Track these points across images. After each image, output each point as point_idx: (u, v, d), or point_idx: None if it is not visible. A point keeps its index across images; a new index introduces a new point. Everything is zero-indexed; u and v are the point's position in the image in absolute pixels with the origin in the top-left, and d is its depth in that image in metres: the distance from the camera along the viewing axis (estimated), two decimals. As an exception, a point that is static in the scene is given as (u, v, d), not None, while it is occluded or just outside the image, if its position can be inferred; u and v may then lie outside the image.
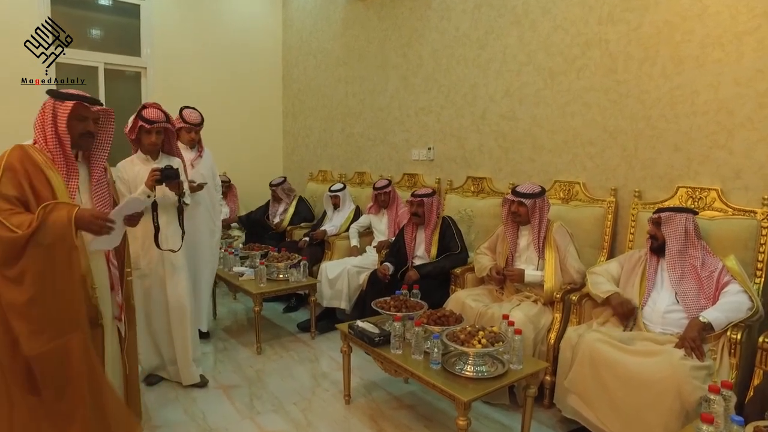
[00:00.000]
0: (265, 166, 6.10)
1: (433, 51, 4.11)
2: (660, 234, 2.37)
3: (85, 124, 1.85)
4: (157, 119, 2.63)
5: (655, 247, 2.40)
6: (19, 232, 1.59)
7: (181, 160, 2.83)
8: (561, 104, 3.23)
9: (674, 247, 2.30)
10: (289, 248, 4.05)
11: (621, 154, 2.95)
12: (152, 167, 2.51)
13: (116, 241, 1.91)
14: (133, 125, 2.66)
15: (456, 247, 3.26)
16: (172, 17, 5.40)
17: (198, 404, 2.62)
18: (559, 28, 3.20)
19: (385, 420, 2.49)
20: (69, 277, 1.68)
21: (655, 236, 2.39)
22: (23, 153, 1.75)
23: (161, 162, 2.68)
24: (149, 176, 2.48)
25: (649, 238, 2.43)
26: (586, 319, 2.55)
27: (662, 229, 2.35)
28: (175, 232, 2.65)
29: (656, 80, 2.74)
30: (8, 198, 1.66)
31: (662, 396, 1.88)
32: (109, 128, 1.98)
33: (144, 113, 2.63)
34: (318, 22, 5.54)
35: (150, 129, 2.62)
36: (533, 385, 2.16)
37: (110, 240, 1.84)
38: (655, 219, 2.40)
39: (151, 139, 2.64)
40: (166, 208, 2.63)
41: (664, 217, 2.36)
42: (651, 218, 2.44)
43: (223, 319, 4.02)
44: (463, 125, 3.91)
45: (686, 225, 2.29)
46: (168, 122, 2.68)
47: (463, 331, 2.12)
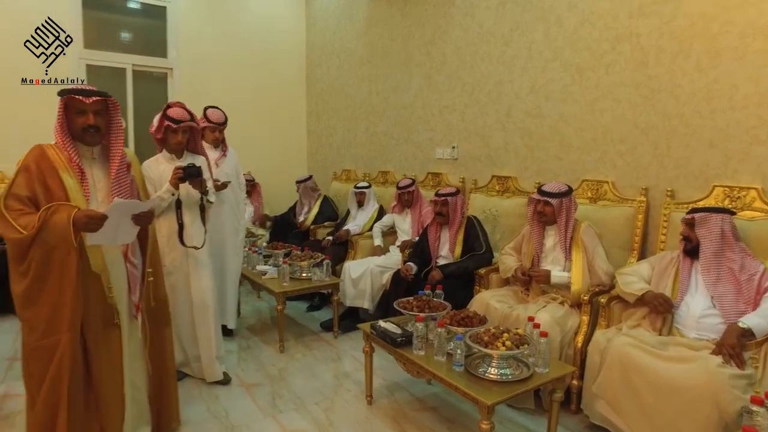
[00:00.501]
0: (290, 166, 6.14)
1: (457, 48, 4.06)
2: (694, 235, 2.27)
3: (84, 117, 1.80)
4: (182, 118, 2.66)
5: (689, 249, 2.29)
6: (25, 233, 1.64)
7: (205, 158, 2.85)
8: (589, 101, 3.14)
9: (709, 249, 2.20)
10: (313, 247, 4.06)
11: (653, 151, 2.84)
12: (175, 166, 2.55)
13: (126, 238, 1.88)
14: (159, 125, 2.70)
15: (480, 247, 3.20)
16: (197, 19, 5.48)
17: (221, 402, 2.64)
18: (587, 23, 3.11)
19: (407, 421, 2.46)
20: (63, 278, 1.70)
21: (689, 238, 2.29)
22: (40, 153, 1.78)
23: (186, 160, 2.71)
24: (172, 174, 2.52)
25: (683, 240, 2.33)
26: (615, 323, 2.47)
27: (696, 231, 2.25)
28: (199, 230, 2.67)
29: (690, 74, 2.64)
30: (20, 198, 1.71)
31: (698, 404, 1.79)
32: (116, 118, 1.89)
33: (169, 113, 2.67)
34: (341, 21, 5.54)
35: (177, 128, 2.66)
36: (559, 390, 2.10)
37: (112, 237, 1.81)
38: (689, 220, 2.30)
39: (177, 138, 2.68)
40: (190, 206, 2.66)
41: (699, 217, 2.25)
42: (684, 219, 2.34)
43: (247, 318, 4.04)
44: (488, 123, 3.84)
45: (722, 226, 2.19)
46: (193, 121, 2.71)
47: (487, 332, 2.07)
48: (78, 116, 1.80)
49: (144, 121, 5.33)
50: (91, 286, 1.80)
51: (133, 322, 2.01)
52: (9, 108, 4.49)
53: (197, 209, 2.66)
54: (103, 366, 1.84)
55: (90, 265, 1.79)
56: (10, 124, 4.47)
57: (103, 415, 1.85)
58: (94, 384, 1.82)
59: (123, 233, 1.84)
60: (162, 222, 2.63)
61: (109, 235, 1.77)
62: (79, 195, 1.78)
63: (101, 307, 1.83)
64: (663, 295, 2.24)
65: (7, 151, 4.32)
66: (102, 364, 1.84)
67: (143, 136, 5.24)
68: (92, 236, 1.73)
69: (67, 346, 1.71)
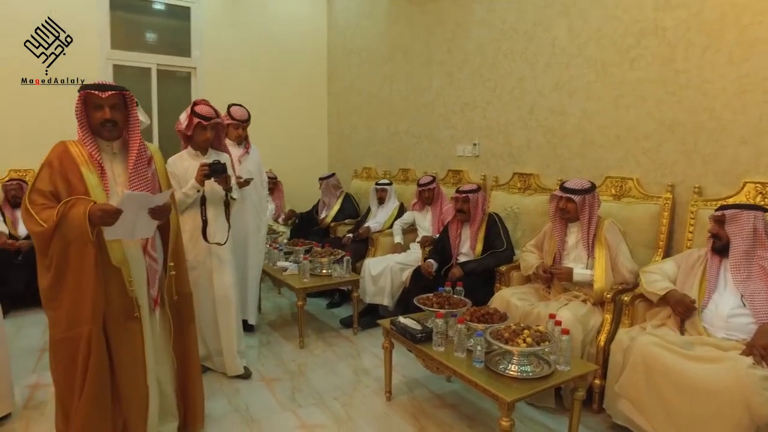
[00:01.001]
0: (310, 164, 6.18)
1: (479, 45, 4.03)
2: (723, 233, 2.20)
3: (101, 112, 1.82)
4: (210, 115, 2.69)
5: (718, 247, 2.22)
6: (45, 226, 1.68)
7: (228, 156, 2.88)
8: (613, 97, 3.08)
9: (740, 247, 2.13)
10: (333, 244, 4.08)
11: (680, 148, 2.78)
12: (201, 162, 2.58)
13: (146, 232, 1.88)
14: (189, 122, 2.72)
15: (502, 244, 3.18)
16: (220, 19, 5.55)
17: (241, 396, 2.67)
18: (612, 17, 3.06)
19: (426, 418, 2.45)
20: (82, 272, 1.74)
21: (718, 235, 2.22)
22: (63, 149, 1.82)
23: (210, 157, 2.74)
24: (198, 171, 2.55)
25: (711, 237, 2.26)
26: (639, 321, 2.42)
27: (726, 228, 2.19)
28: (222, 226, 2.71)
29: (721, 68, 2.57)
30: (44, 193, 1.76)
31: (727, 407, 1.74)
32: (133, 112, 1.90)
33: (197, 110, 2.69)
34: (362, 20, 5.55)
35: (206, 126, 2.69)
36: (581, 388, 2.06)
37: (131, 231, 1.82)
38: (718, 217, 2.23)
39: (206, 135, 2.71)
40: (214, 202, 2.69)
41: (729, 214, 2.18)
42: (713, 216, 2.27)
43: (267, 313, 4.08)
44: (510, 120, 3.81)
45: (755, 224, 2.12)
46: (218, 118, 2.74)
47: (508, 329, 2.05)
48: (95, 111, 1.83)
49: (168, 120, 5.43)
50: (112, 280, 1.82)
51: (153, 316, 2.02)
52: (9, 108, 4.53)
53: (221, 206, 2.69)
54: (125, 359, 1.87)
55: (110, 258, 1.81)
56: (11, 124, 4.53)
57: (126, 407, 1.88)
58: (116, 377, 1.85)
59: (142, 227, 1.84)
60: (186, 218, 2.67)
61: (128, 229, 1.79)
62: (99, 190, 1.81)
63: (122, 301, 1.85)
64: (684, 301, 2.18)
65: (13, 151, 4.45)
66: (123, 357, 1.86)
67: (167, 134, 5.34)
68: (110, 231, 1.76)
69: (89, 338, 1.75)
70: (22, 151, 4.37)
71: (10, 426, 2.32)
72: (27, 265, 3.80)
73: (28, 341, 3.35)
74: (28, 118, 4.52)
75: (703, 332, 2.12)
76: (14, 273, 3.77)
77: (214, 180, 2.56)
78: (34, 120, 4.49)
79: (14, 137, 4.48)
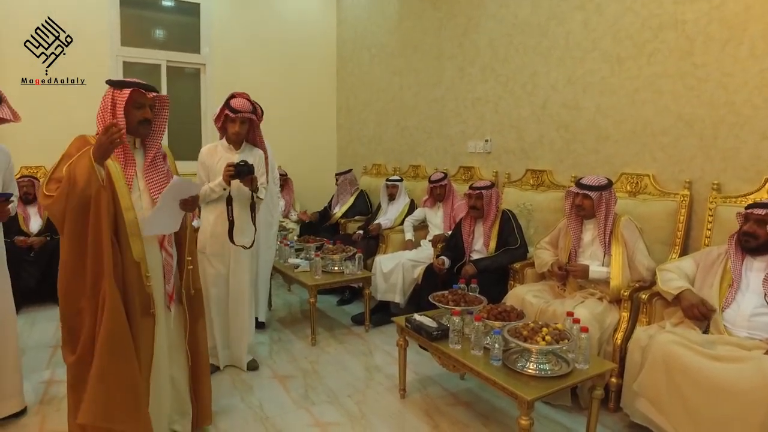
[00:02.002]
0: (320, 160, 6.16)
1: (491, 40, 3.99)
2: (763, 232, 2.09)
3: (143, 111, 1.88)
4: (242, 109, 2.66)
5: (753, 246, 2.13)
6: (57, 193, 1.68)
7: (263, 152, 2.85)
8: (629, 92, 3.04)
9: None
10: (344, 241, 4.06)
11: (698, 144, 2.73)
12: (227, 162, 2.55)
13: (174, 226, 1.93)
14: (220, 113, 2.71)
15: (515, 241, 3.15)
16: (229, 15, 5.53)
17: (254, 393, 2.66)
18: (629, 11, 3.01)
19: (440, 416, 2.44)
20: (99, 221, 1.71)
21: (755, 234, 2.11)
22: (83, 142, 1.82)
23: (244, 152, 2.73)
24: (224, 171, 2.53)
25: (743, 236, 2.16)
26: (657, 320, 2.38)
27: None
28: (248, 228, 2.70)
29: (742, 62, 2.52)
30: (60, 179, 1.72)
31: (751, 408, 1.71)
32: (163, 114, 2.00)
33: (231, 102, 2.67)
34: (372, 15, 5.51)
35: (234, 118, 2.65)
36: (599, 387, 2.04)
37: (166, 224, 1.86)
38: (762, 216, 2.10)
39: (235, 128, 2.68)
40: (240, 202, 2.66)
41: None
42: (753, 214, 2.14)
43: (278, 311, 4.08)
44: (522, 116, 3.77)
45: None
46: (254, 113, 2.70)
47: (526, 327, 2.03)
48: (137, 109, 1.87)
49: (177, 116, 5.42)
50: (131, 275, 1.82)
51: (167, 313, 2.02)
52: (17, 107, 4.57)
53: (247, 206, 2.67)
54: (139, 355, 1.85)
55: (132, 253, 1.81)
56: (10, 123, 4.53)
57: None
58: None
59: (173, 220, 1.89)
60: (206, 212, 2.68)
61: (164, 222, 1.82)
62: (121, 181, 1.82)
63: (140, 296, 1.85)
64: (700, 303, 2.13)
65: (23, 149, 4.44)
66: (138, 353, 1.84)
67: (177, 130, 5.34)
68: (149, 226, 1.80)
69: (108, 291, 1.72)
70: (32, 150, 4.37)
71: (25, 421, 2.32)
72: (39, 261, 3.83)
73: (41, 337, 3.36)
74: (36, 118, 4.49)
75: (725, 331, 2.09)
76: (26, 269, 3.80)
77: (240, 181, 2.54)
78: (45, 119, 4.50)
79: (24, 136, 4.47)
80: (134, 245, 1.82)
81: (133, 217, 1.82)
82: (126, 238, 1.80)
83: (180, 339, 2.10)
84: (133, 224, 1.82)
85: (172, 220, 1.90)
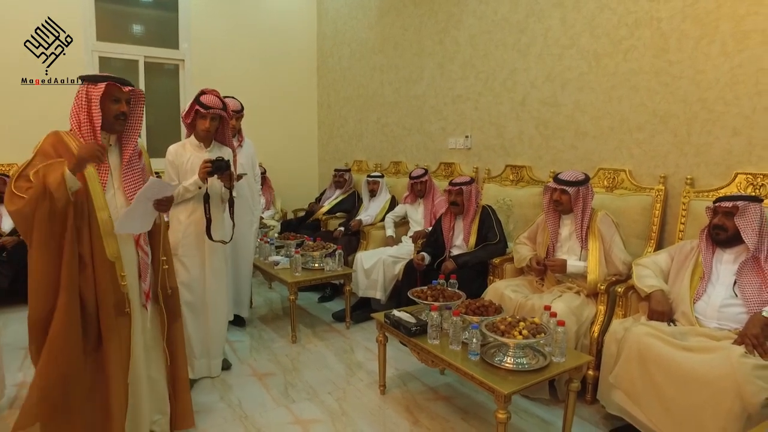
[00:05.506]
0: (300, 157, 6.13)
1: (471, 36, 4.00)
2: (731, 224, 2.13)
3: (119, 105, 1.85)
4: (213, 105, 2.61)
5: (723, 239, 2.18)
6: (26, 196, 1.63)
7: (232, 151, 2.81)
8: (606, 88, 3.08)
9: (752, 239, 2.07)
10: (325, 238, 4.04)
11: (672, 139, 2.78)
12: (204, 159, 2.51)
13: (146, 225, 1.91)
14: (190, 109, 2.66)
15: (495, 236, 3.16)
16: (208, 10, 5.46)
17: (234, 391, 2.64)
18: (606, 8, 3.05)
19: (420, 411, 2.44)
20: (64, 232, 1.68)
21: (724, 227, 2.16)
22: (57, 138, 1.79)
23: (213, 150, 2.69)
24: (201, 168, 2.48)
25: (714, 229, 2.20)
26: (633, 312, 2.43)
27: (736, 220, 2.12)
28: (225, 224, 2.67)
29: (714, 59, 2.57)
30: (30, 180, 1.67)
31: (720, 396, 1.75)
32: (138, 110, 1.95)
33: (202, 98, 2.62)
34: (353, 10, 5.49)
35: (205, 114, 2.59)
36: (576, 379, 2.07)
37: (138, 224, 1.83)
38: (728, 208, 2.15)
39: (205, 124, 2.62)
40: (215, 199, 2.63)
41: (742, 206, 2.11)
42: (721, 207, 2.18)
43: (258, 308, 4.05)
44: (502, 112, 3.79)
45: (761, 215, 2.09)
46: (224, 110, 2.67)
47: (503, 321, 2.04)
48: (113, 103, 1.84)
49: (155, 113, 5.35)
50: (105, 275, 1.79)
51: (144, 312, 1.99)
52: (9, 108, 4.46)
53: (223, 203, 2.64)
54: (113, 355, 1.83)
55: (106, 253, 1.78)
56: (11, 123, 4.45)
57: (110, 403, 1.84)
58: (106, 373, 1.82)
59: (146, 220, 1.86)
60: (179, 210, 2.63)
61: (137, 222, 1.79)
62: (95, 181, 1.79)
63: (114, 296, 1.82)
64: (662, 316, 2.19)
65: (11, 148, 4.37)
66: (112, 353, 1.83)
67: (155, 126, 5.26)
68: (122, 225, 1.77)
69: (64, 305, 1.69)
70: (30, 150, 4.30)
71: (-4, 424, 2.27)
72: (11, 261, 3.73)
73: (13, 339, 3.28)
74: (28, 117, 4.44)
75: (696, 323, 2.13)
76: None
77: (218, 177, 2.51)
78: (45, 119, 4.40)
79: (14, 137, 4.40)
80: (108, 245, 1.79)
81: (107, 217, 1.79)
82: (99, 238, 1.77)
83: (157, 339, 2.07)
84: (106, 223, 1.79)
85: (144, 220, 1.87)
